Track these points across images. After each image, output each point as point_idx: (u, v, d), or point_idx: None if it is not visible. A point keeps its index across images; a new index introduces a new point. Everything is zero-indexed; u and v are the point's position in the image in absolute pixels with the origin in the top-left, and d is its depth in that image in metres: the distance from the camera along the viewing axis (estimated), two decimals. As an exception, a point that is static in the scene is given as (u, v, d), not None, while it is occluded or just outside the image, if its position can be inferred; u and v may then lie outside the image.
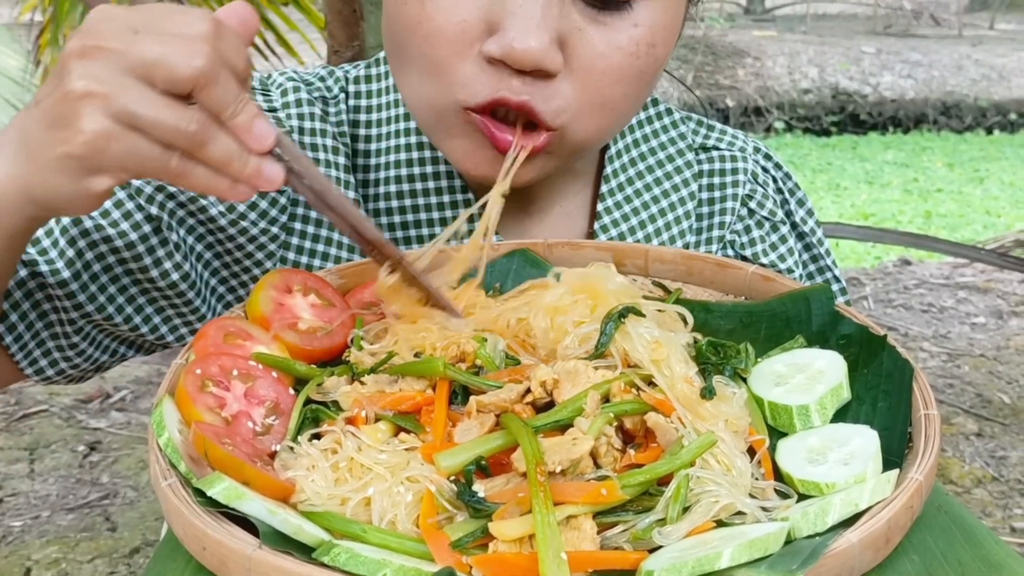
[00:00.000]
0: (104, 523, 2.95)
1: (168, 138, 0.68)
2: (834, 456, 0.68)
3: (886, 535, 0.60)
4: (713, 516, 0.63)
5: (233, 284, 1.02)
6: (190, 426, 0.69)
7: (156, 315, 0.99)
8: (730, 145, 1.14)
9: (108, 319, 0.96)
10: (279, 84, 1.03)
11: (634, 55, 0.88)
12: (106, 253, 0.94)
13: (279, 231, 1.00)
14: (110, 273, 0.96)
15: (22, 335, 0.95)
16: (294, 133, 1.00)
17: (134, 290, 0.97)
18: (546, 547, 0.57)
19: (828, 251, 1.17)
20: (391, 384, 0.76)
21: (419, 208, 1.02)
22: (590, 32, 0.86)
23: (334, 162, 1.01)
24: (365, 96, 1.05)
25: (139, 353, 1.05)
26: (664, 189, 1.10)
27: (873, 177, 8.29)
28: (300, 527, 0.61)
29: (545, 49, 0.83)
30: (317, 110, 1.02)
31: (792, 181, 1.17)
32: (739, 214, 1.12)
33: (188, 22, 0.68)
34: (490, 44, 0.84)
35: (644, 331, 0.76)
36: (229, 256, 1.00)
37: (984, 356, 4.18)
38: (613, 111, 0.91)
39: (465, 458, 0.65)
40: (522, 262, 0.93)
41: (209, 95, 0.68)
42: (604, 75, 0.88)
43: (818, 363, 0.78)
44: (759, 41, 11.05)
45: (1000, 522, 3.03)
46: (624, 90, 0.90)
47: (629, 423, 0.71)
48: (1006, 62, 10.76)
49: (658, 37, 0.89)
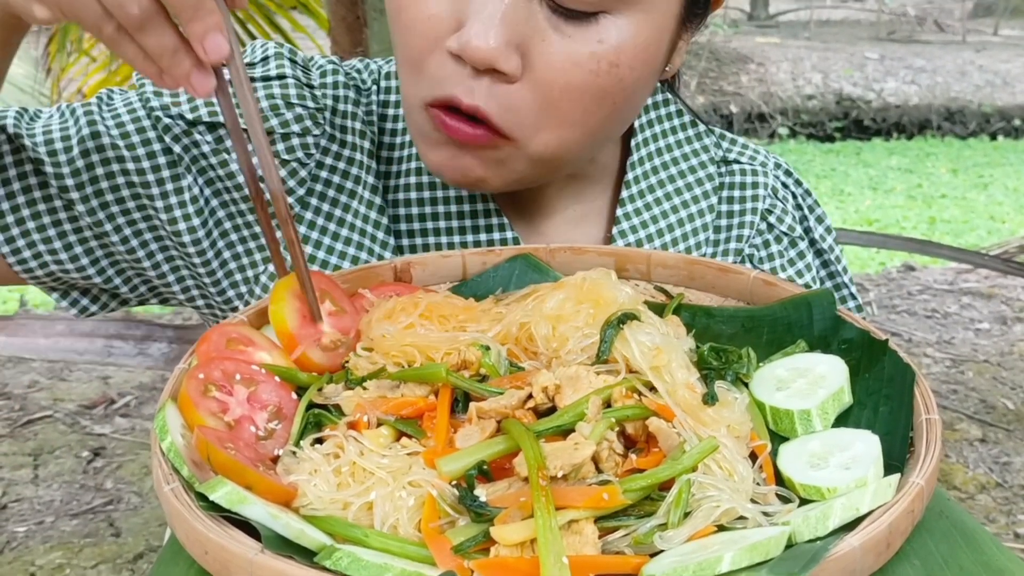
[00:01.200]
0: (108, 529, 2.95)
1: (109, 7, 0.70)
2: (835, 461, 0.68)
3: (887, 539, 0.60)
4: (714, 521, 0.62)
5: (239, 251, 1.03)
6: (193, 430, 0.69)
7: (155, 244, 1.00)
8: (751, 159, 1.14)
9: (103, 233, 0.98)
10: (319, 65, 1.06)
11: (594, 73, 0.86)
12: (116, 173, 0.97)
13: (294, 202, 1.01)
14: (116, 194, 0.97)
15: (8, 225, 0.97)
16: (327, 111, 1.02)
17: (137, 216, 0.98)
18: (547, 551, 0.57)
19: (845, 268, 1.17)
20: (392, 390, 0.76)
21: (439, 216, 1.03)
22: (552, 40, 0.85)
23: (360, 146, 1.03)
24: (395, 92, 1.08)
25: (157, 300, 1.07)
26: (684, 199, 1.10)
27: (877, 183, 8.29)
28: (302, 531, 0.61)
29: (499, 48, 0.83)
30: (352, 94, 1.05)
31: (812, 198, 1.17)
32: (758, 228, 1.12)
33: None
34: (451, 40, 0.85)
35: (645, 337, 0.76)
36: (242, 218, 1.01)
37: (988, 362, 4.18)
38: (575, 126, 0.90)
39: (467, 463, 0.65)
40: (524, 267, 0.93)
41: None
42: (563, 90, 0.86)
43: (820, 368, 0.78)
44: (763, 47, 11.06)
45: (1004, 528, 3.02)
46: (584, 107, 0.88)
47: (631, 428, 0.71)
48: (1010, 68, 10.76)
49: (624, 58, 0.87)
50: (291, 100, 1.01)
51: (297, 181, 1.01)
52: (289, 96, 1.01)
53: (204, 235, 0.99)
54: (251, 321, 0.83)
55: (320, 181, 1.02)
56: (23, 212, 0.97)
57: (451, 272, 0.94)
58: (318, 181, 1.02)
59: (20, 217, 0.97)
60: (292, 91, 1.01)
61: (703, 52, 9.96)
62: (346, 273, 0.91)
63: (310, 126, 1.01)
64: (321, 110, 1.02)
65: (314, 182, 1.02)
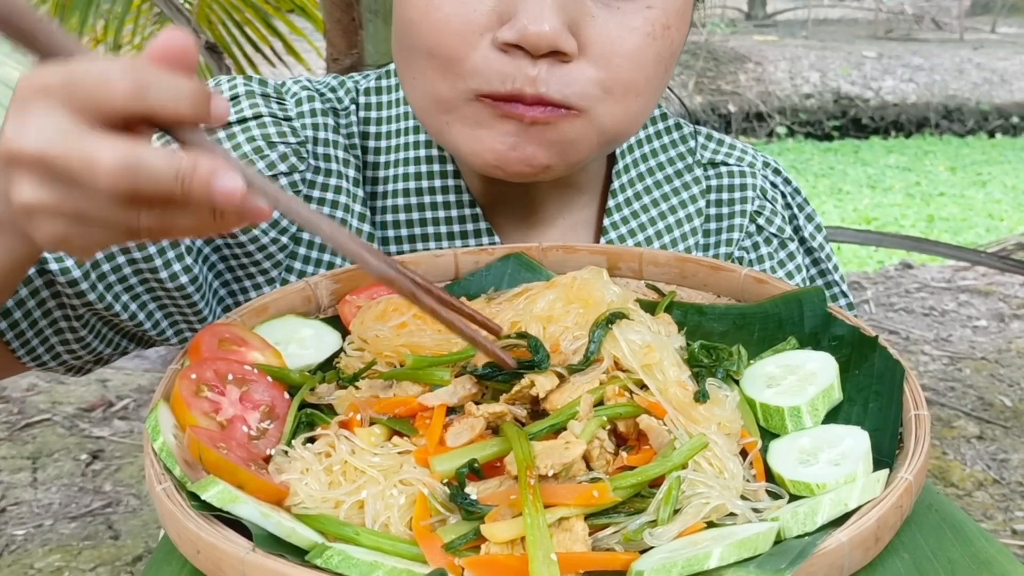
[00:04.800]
0: (107, 531, 2.95)
1: (124, 236, 0.63)
2: (825, 457, 0.69)
3: (875, 534, 0.61)
4: (704, 517, 0.63)
5: (234, 288, 1.02)
6: (185, 430, 0.69)
7: (159, 312, 0.98)
8: (739, 160, 1.13)
9: (114, 315, 0.96)
10: (294, 93, 1.03)
11: (651, 35, 0.87)
12: (116, 253, 0.94)
13: (288, 240, 1.00)
14: (119, 273, 0.95)
15: (24, 331, 0.95)
16: (308, 143, 1.00)
17: (140, 289, 0.97)
18: (536, 549, 0.58)
19: (836, 266, 1.17)
20: (385, 389, 0.76)
21: (427, 222, 1.03)
22: (603, 17, 0.86)
23: (345, 174, 1.01)
24: (375, 108, 1.05)
25: (140, 346, 1.05)
26: (672, 205, 1.09)
27: (875, 181, 8.29)
28: (293, 530, 0.61)
29: (559, 30, 0.83)
30: (331, 121, 1.02)
31: (801, 196, 1.16)
32: (747, 230, 1.11)
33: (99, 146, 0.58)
34: (504, 31, 0.84)
35: (635, 336, 0.76)
36: (235, 261, 1.00)
37: (985, 359, 4.18)
38: (638, 97, 0.90)
39: (460, 462, 0.66)
40: (516, 266, 0.94)
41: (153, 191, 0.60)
42: (624, 58, 0.87)
43: (810, 364, 0.78)
44: (760, 46, 11.06)
45: (1001, 525, 3.03)
46: (645, 74, 0.89)
47: (622, 426, 0.72)
48: (1008, 65, 10.76)
49: (672, 19, 0.89)
50: (272, 140, 0.97)
51: (289, 219, 0.98)
52: (270, 136, 0.97)
53: (203, 281, 0.98)
54: (244, 321, 0.84)
55: None
56: (34, 314, 0.94)
57: (443, 272, 0.95)
58: None
59: (32, 320, 0.94)
60: (271, 129, 0.98)
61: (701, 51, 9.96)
62: (338, 273, 0.92)
63: (296, 163, 0.98)
64: (303, 143, 0.99)
65: None
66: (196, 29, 3.18)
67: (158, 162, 0.58)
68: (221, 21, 3.80)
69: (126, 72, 0.58)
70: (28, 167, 0.59)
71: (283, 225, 0.99)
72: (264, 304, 0.87)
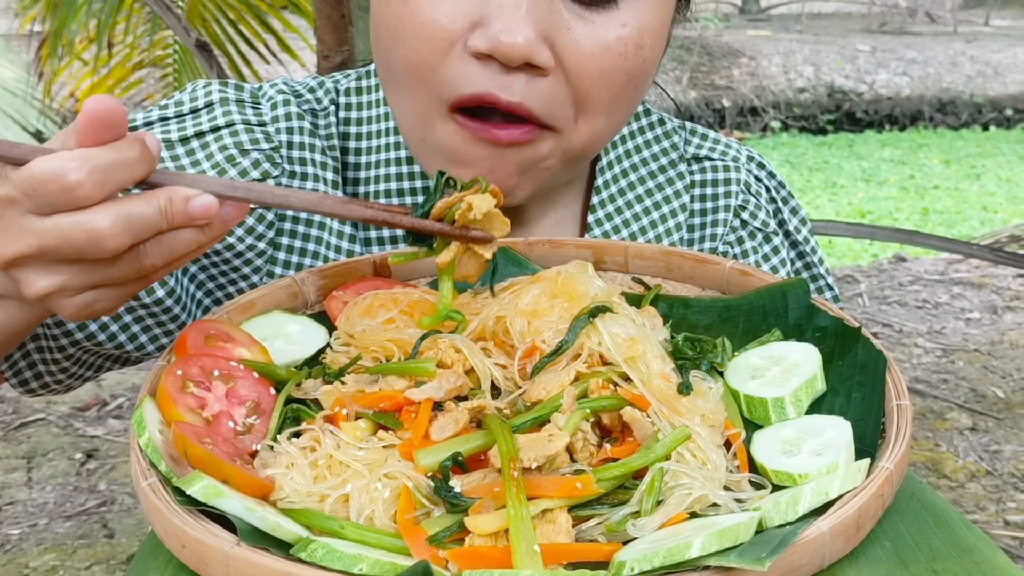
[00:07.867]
0: (101, 530, 2.95)
1: (138, 284, 0.71)
2: (808, 447, 0.69)
3: (856, 523, 0.61)
4: (687, 508, 0.63)
5: (219, 296, 1.02)
6: (171, 426, 0.69)
7: (135, 325, 0.98)
8: (723, 155, 1.13)
9: (92, 339, 0.96)
10: (269, 97, 1.02)
11: (622, 56, 0.87)
12: None
13: (266, 246, 0.99)
14: None
15: (17, 362, 0.96)
16: (282, 148, 1.00)
17: (122, 311, 0.97)
18: (519, 540, 0.58)
19: (821, 259, 1.16)
20: (371, 384, 0.76)
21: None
22: (577, 30, 0.85)
23: (322, 177, 1.01)
24: (355, 108, 1.05)
25: (121, 366, 1.05)
26: (656, 200, 1.09)
27: (870, 175, 8.31)
28: (278, 524, 0.61)
29: (532, 42, 0.82)
30: (307, 124, 1.02)
31: (785, 190, 1.16)
32: (732, 225, 1.11)
33: None
34: (475, 39, 0.83)
35: (619, 329, 0.76)
36: (216, 268, 1.00)
37: (978, 351, 4.19)
38: (607, 112, 0.90)
39: (444, 455, 0.66)
40: (503, 261, 0.94)
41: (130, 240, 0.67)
42: (595, 76, 0.86)
43: (793, 356, 0.78)
44: (754, 41, 11.07)
45: (994, 516, 3.04)
46: (615, 93, 0.89)
47: (606, 418, 0.72)
48: (1001, 58, 10.78)
49: (646, 39, 0.88)
50: (244, 147, 0.97)
51: (266, 225, 0.99)
52: (242, 144, 0.97)
53: (182, 291, 0.97)
54: (231, 317, 0.84)
55: (288, 220, 1.00)
56: (28, 346, 0.95)
57: (430, 267, 0.95)
58: (286, 220, 1.00)
59: (25, 351, 0.95)
60: (244, 137, 0.98)
61: (694, 47, 9.96)
62: (326, 268, 0.92)
63: (269, 168, 0.98)
64: (276, 149, 0.99)
65: (282, 222, 1.00)
66: (187, 27, 3.17)
67: (143, 208, 0.66)
68: (214, 18, 3.79)
69: (81, 171, 0.63)
70: (30, 263, 0.66)
71: (259, 231, 0.99)
72: (251, 300, 0.87)
